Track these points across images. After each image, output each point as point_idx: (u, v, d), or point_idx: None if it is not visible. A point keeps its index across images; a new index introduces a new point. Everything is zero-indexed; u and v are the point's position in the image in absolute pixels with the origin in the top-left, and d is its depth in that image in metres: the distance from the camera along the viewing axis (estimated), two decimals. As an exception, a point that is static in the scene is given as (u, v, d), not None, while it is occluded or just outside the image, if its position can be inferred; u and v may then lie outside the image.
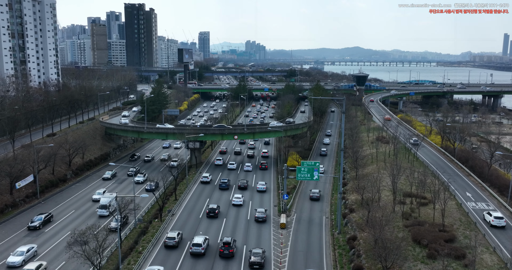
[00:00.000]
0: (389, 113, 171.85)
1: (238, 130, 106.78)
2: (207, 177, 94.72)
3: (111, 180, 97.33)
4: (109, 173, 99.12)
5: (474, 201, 71.68)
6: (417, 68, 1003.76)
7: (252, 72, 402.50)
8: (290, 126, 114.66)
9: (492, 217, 61.42)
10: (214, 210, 73.36)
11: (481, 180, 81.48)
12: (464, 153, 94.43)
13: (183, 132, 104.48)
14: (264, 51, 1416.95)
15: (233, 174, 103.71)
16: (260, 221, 71.33)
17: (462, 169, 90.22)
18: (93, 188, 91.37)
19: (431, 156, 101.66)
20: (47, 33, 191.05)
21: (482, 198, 73.21)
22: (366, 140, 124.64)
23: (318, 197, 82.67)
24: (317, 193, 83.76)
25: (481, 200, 72.34)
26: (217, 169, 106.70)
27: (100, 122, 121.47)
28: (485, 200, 72.36)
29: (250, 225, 70.05)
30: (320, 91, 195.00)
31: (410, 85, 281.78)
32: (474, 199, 72.63)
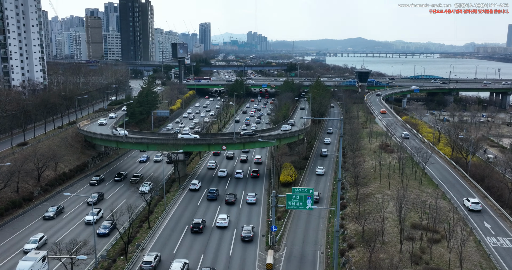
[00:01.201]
0: (392, 113, 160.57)
1: (227, 140, 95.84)
2: (196, 184, 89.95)
3: (56, 219, 75.08)
4: (52, 210, 75.68)
5: (495, 235, 60.93)
6: (420, 60, 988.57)
7: (251, 66, 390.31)
8: (284, 134, 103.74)
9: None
10: (199, 225, 69.02)
11: (500, 205, 70.60)
12: (479, 169, 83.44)
13: (165, 143, 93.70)
14: (266, 42, 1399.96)
15: (223, 182, 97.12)
16: (247, 241, 65.95)
17: (476, 188, 79.36)
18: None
19: (441, 171, 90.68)
20: (31, 28, 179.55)
21: (504, 231, 62.48)
22: (368, 148, 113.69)
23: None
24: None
25: (502, 233, 61.60)
26: (208, 174, 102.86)
27: (78, 129, 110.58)
28: (507, 233, 61.59)
29: (235, 246, 64.95)
30: (320, 89, 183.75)
31: (414, 80, 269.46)
32: (495, 232, 61.87)
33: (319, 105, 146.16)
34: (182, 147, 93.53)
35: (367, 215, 66.58)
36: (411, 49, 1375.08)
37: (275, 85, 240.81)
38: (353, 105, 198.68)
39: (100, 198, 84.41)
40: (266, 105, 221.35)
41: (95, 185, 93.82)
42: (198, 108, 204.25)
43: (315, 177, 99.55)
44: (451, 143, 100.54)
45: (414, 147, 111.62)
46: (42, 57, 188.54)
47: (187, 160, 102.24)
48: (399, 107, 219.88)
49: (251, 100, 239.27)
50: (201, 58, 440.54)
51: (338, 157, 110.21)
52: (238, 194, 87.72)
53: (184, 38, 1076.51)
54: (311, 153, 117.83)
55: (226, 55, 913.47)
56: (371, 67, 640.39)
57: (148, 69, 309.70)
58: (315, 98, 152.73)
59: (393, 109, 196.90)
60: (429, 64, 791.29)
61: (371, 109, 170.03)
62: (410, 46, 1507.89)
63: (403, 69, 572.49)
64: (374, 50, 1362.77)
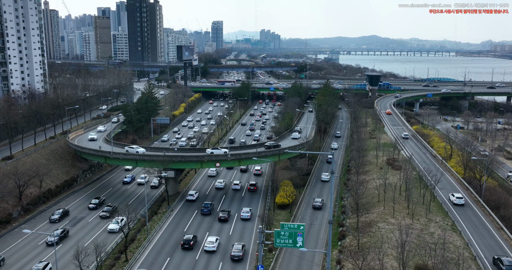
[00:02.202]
0: (403, 122, 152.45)
1: (221, 156, 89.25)
2: (192, 195, 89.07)
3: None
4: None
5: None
6: (435, 58, 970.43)
7: (261, 66, 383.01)
8: (283, 149, 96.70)
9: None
10: (189, 241, 67.33)
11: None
12: (494, 195, 75.46)
13: (155, 159, 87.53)
14: (279, 40, 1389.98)
15: (220, 194, 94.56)
16: (236, 260, 63.28)
17: (490, 216, 71.56)
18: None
19: (450, 191, 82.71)
20: (31, 31, 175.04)
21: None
22: (375, 163, 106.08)
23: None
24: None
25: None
26: (206, 184, 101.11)
27: (68, 143, 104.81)
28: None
29: (224, 266, 62.28)
30: (327, 95, 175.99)
31: (427, 83, 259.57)
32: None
33: (325, 114, 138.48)
34: (172, 164, 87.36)
35: (367, 250, 59.62)
36: (426, 47, 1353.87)
37: (283, 88, 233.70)
38: (363, 110, 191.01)
39: (63, 236, 71.07)
40: (273, 109, 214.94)
41: (56, 222, 77.68)
42: (200, 114, 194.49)
43: (318, 189, 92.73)
44: (463, 161, 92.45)
45: (423, 161, 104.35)
46: (42, 61, 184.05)
47: (179, 177, 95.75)
48: (411, 112, 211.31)
49: (259, 101, 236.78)
50: (211, 58, 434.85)
51: (337, 182, 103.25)
52: (234, 208, 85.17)
53: (197, 36, 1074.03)
54: (313, 167, 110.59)
55: (239, 53, 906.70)
56: (384, 66, 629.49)
57: (155, 70, 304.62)
58: (321, 105, 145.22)
59: (405, 115, 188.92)
60: (444, 63, 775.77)
61: (380, 116, 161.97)
62: (425, 44, 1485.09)
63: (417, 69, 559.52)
64: (389, 48, 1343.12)
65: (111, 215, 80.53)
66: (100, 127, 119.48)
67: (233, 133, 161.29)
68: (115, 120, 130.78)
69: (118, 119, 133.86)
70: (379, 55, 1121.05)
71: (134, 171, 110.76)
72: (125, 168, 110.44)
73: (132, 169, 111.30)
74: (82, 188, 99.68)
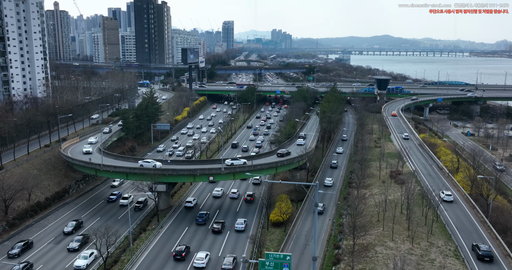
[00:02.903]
0: (410, 129, 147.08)
1: (214, 170, 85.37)
2: (191, 202, 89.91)
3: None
4: None
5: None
6: (448, 59, 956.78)
7: (268, 69, 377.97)
8: (281, 162, 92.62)
9: None
10: (181, 252, 67.40)
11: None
12: (502, 217, 70.27)
13: (145, 173, 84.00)
14: (290, 40, 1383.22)
15: (217, 203, 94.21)
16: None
17: (497, 240, 66.59)
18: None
19: (456, 213, 77.80)
20: (33, 35, 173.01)
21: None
22: (377, 175, 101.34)
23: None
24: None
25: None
26: (206, 189, 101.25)
27: (61, 154, 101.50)
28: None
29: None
30: (333, 99, 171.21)
31: (438, 87, 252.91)
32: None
33: (328, 122, 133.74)
34: (163, 177, 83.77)
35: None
36: (439, 47, 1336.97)
37: (290, 91, 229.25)
38: (370, 115, 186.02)
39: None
40: (279, 113, 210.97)
41: (14, 257, 67.30)
42: (201, 121, 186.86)
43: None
44: (470, 176, 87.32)
45: (429, 175, 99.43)
46: (45, 64, 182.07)
47: (171, 190, 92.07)
48: (420, 117, 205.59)
49: (266, 103, 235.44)
50: (220, 59, 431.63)
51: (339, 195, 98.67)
52: (229, 218, 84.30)
53: (208, 36, 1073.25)
54: (314, 178, 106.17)
55: (249, 53, 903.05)
56: (395, 67, 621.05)
57: (162, 72, 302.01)
58: (325, 112, 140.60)
59: (413, 120, 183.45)
60: (457, 63, 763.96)
61: (387, 122, 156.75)
62: (438, 44, 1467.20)
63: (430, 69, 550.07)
64: (401, 48, 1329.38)
65: (80, 247, 71.22)
66: (91, 139, 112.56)
67: (237, 137, 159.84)
68: (107, 131, 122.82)
69: (110, 129, 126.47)
70: (391, 55, 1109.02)
71: (123, 186, 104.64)
72: (111, 184, 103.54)
73: (120, 185, 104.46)
74: (74, 200, 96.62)
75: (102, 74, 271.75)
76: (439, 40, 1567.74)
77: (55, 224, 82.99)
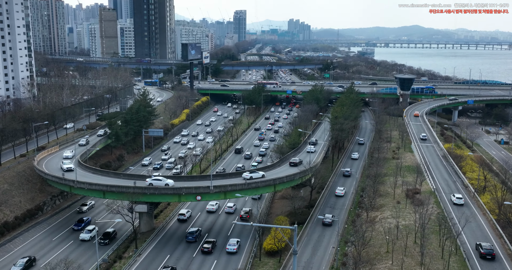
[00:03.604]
0: (434, 137, 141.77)
1: (202, 189, 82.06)
2: (184, 214, 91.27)
3: None
4: None
5: None
6: (485, 52, 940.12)
7: (281, 64, 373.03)
8: (280, 179, 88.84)
9: None
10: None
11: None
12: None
13: (123, 192, 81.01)
14: (308, 31, 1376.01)
15: (211, 218, 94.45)
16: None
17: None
18: None
19: (480, 241, 72.95)
20: (16, 29, 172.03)
21: None
22: (392, 194, 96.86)
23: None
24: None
25: None
26: (199, 203, 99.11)
27: (34, 167, 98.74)
28: None
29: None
30: (348, 103, 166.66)
31: (469, 87, 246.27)
32: None
33: (340, 130, 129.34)
34: (144, 197, 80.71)
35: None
36: (475, 39, 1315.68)
37: (302, 91, 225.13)
38: (390, 120, 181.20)
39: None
40: (289, 114, 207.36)
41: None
42: (199, 127, 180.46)
43: (319, 230, 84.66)
44: (496, 200, 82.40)
45: (452, 194, 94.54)
46: (29, 62, 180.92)
47: (154, 211, 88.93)
48: (448, 121, 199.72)
49: (277, 103, 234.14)
50: (229, 53, 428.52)
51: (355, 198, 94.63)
52: (222, 236, 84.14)
53: (218, 27, 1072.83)
54: (320, 197, 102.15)
55: (263, 46, 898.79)
56: (425, 61, 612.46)
57: (163, 68, 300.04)
58: (337, 118, 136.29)
59: (439, 125, 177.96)
60: (495, 57, 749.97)
61: (408, 129, 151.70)
62: (474, 35, 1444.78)
63: (463, 65, 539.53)
64: (432, 39, 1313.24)
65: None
66: (66, 153, 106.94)
67: (242, 142, 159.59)
68: (83, 142, 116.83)
69: (87, 140, 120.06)
70: (420, 47, 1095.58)
71: (95, 209, 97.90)
72: (79, 208, 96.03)
73: (88, 210, 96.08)
74: (48, 219, 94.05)
75: (97, 71, 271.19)
76: (475, 31, 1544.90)
77: (9, 257, 78.47)
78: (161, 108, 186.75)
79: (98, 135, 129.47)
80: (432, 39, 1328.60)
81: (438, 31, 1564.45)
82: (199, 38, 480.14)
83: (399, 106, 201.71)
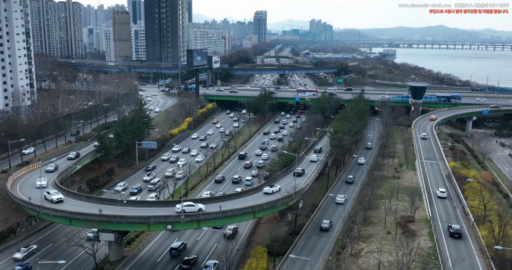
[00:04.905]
0: (440, 153, 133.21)
1: (172, 217, 76.38)
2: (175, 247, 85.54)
3: None
4: None
5: None
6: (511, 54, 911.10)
7: (294, 69, 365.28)
8: (259, 206, 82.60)
9: None
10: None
11: None
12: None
13: (89, 219, 75.96)
14: (330, 31, 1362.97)
15: (196, 235, 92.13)
16: None
17: None
18: None
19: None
20: (15, 36, 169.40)
21: None
22: (383, 222, 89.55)
23: None
24: None
25: None
26: None
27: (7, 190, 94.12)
28: None
29: None
30: (355, 112, 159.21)
31: (486, 94, 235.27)
32: None
33: (338, 146, 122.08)
34: (110, 225, 75.56)
35: None
36: (502, 40, 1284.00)
37: (311, 99, 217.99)
38: (398, 131, 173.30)
39: None
40: (296, 122, 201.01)
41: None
42: (194, 141, 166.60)
43: (300, 262, 77.96)
44: (493, 235, 74.36)
45: (450, 223, 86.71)
46: (30, 69, 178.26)
47: (124, 239, 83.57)
48: (462, 131, 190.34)
49: (286, 108, 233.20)
50: (243, 56, 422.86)
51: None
52: (203, 253, 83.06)
53: (239, 27, 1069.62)
54: (309, 220, 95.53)
55: (283, 46, 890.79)
56: (447, 63, 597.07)
57: (174, 72, 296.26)
58: (336, 133, 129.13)
59: (451, 137, 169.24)
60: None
61: (414, 143, 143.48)
62: (501, 36, 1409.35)
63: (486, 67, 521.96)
64: (457, 40, 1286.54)
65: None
66: (48, 167, 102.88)
67: (247, 147, 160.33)
68: (51, 168, 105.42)
69: (55, 166, 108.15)
70: (444, 48, 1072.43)
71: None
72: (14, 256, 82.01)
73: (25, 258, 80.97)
74: (20, 241, 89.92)
75: (106, 75, 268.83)
76: (502, 31, 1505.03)
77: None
78: (162, 116, 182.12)
79: (69, 158, 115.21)
80: (457, 39, 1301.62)
81: (463, 31, 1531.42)
82: (215, 40, 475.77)
83: (411, 115, 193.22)
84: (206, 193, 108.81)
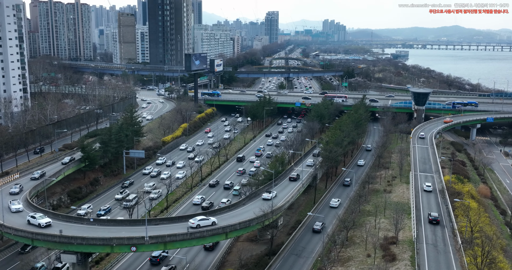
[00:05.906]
0: (436, 166, 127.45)
1: (136, 240, 72.47)
2: None
3: None
4: None
5: None
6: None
7: (298, 72, 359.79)
8: (231, 227, 78.29)
9: None
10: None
11: None
12: None
13: (49, 240, 72.46)
14: (344, 31, 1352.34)
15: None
16: None
17: None
18: None
19: None
20: (7, 41, 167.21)
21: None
22: (364, 243, 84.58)
23: None
24: None
25: None
26: None
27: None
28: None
29: None
30: (351, 120, 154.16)
31: (493, 100, 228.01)
32: None
33: (328, 158, 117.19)
34: (71, 247, 71.90)
35: None
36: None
37: (311, 104, 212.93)
38: (398, 138, 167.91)
39: None
40: (295, 128, 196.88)
41: None
42: (182, 152, 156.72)
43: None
44: (476, 265, 69.06)
45: (435, 246, 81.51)
46: (23, 74, 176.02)
47: (88, 260, 79.70)
48: (466, 139, 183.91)
49: (289, 111, 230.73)
50: (250, 58, 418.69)
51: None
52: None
53: (252, 27, 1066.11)
54: (289, 239, 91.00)
55: (294, 47, 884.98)
56: (460, 65, 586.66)
57: (177, 75, 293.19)
58: (328, 144, 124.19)
59: (453, 146, 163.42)
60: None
61: (411, 153, 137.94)
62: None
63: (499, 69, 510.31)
64: (473, 40, 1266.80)
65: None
66: (13, 188, 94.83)
67: (246, 150, 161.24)
68: (36, 176, 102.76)
69: (42, 172, 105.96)
70: (459, 49, 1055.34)
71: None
72: (21, 249, 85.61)
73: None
74: None
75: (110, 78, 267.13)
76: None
77: None
78: (156, 122, 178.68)
79: (32, 178, 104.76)
80: (472, 40, 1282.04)
81: (479, 31, 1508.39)
82: (223, 42, 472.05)
83: (413, 122, 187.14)
84: (197, 198, 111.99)
